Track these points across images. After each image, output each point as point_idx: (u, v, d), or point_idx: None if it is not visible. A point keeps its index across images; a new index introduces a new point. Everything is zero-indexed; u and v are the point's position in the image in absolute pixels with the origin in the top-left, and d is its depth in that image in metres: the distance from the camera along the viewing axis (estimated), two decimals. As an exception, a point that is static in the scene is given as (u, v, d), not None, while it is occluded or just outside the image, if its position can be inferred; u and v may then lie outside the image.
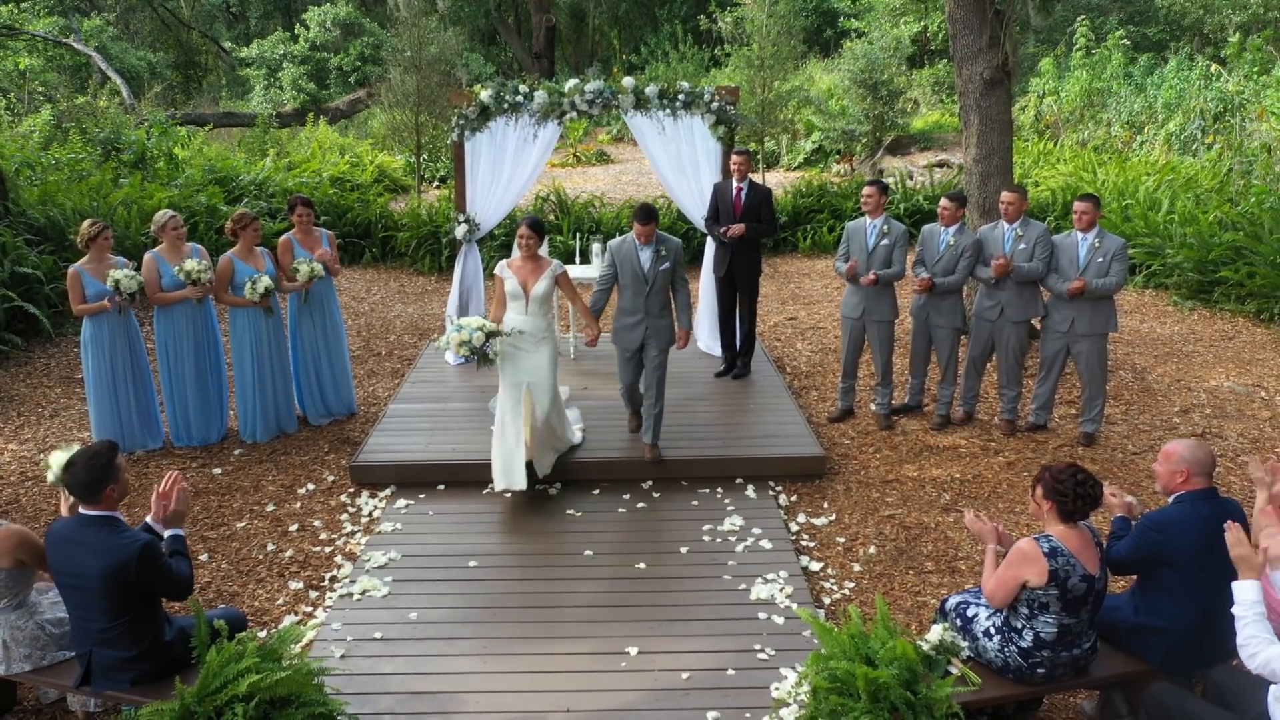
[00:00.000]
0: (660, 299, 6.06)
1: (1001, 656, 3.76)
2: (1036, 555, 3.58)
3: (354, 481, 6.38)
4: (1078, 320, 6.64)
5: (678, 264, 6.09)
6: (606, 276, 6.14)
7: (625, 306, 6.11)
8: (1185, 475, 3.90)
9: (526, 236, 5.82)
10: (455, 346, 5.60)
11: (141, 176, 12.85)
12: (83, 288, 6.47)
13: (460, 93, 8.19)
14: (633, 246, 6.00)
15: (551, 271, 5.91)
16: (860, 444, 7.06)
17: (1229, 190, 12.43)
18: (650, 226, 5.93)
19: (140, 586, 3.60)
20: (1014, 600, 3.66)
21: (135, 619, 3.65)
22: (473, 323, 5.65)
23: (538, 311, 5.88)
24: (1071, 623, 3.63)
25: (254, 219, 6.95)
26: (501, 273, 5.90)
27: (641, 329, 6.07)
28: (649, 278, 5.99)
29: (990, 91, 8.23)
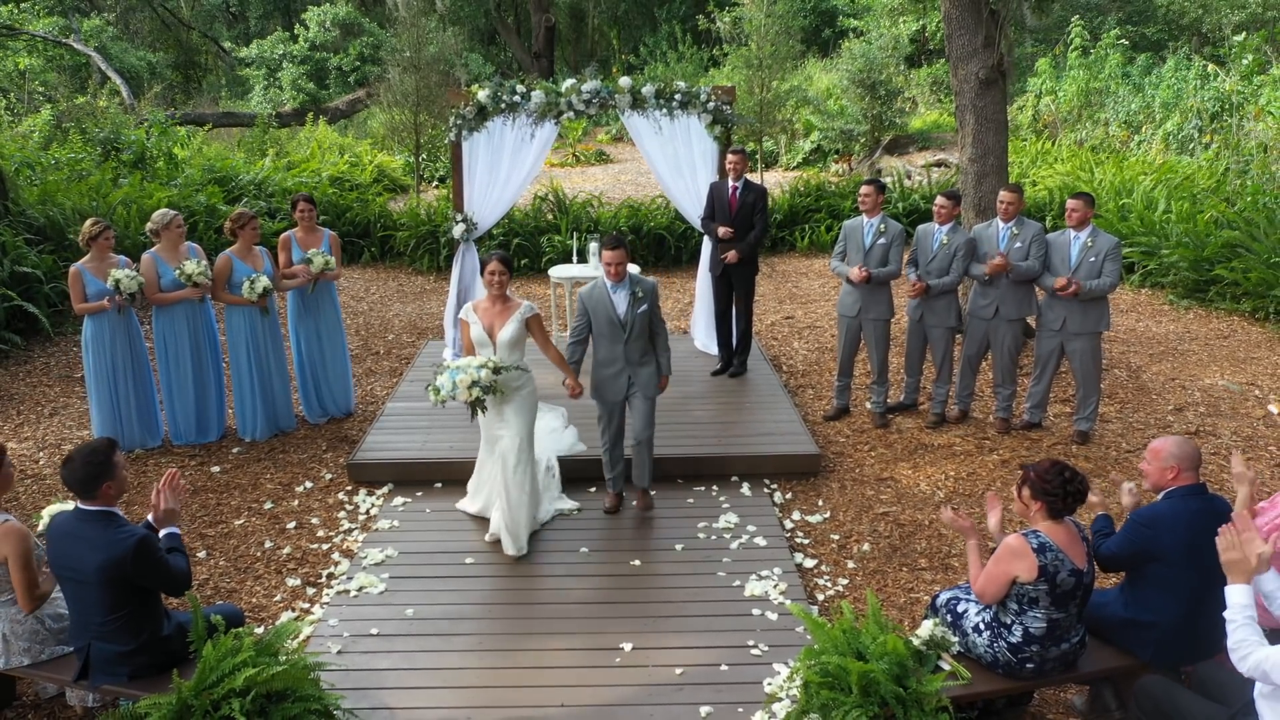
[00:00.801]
0: (640, 345, 5.56)
1: (991, 652, 3.80)
2: (1025, 551, 3.61)
3: (352, 479, 6.42)
4: (1070, 319, 6.67)
5: (654, 305, 5.60)
6: (580, 328, 5.62)
7: (603, 356, 5.58)
8: (1176, 471, 3.94)
9: (498, 272, 5.24)
10: (466, 390, 4.98)
11: (141, 176, 12.90)
12: (84, 287, 6.51)
13: (458, 92, 8.23)
14: (604, 291, 5.47)
15: (521, 314, 5.31)
16: (855, 442, 7.09)
17: (1225, 190, 12.46)
18: (619, 254, 5.36)
19: (137, 580, 3.64)
20: (1004, 596, 3.69)
21: (133, 613, 3.69)
22: (472, 362, 5.08)
23: (507, 359, 5.26)
24: (1060, 617, 3.67)
25: (252, 218, 6.99)
26: (466, 316, 5.38)
27: (624, 379, 5.57)
28: (626, 323, 5.45)
29: (986, 91, 8.26)
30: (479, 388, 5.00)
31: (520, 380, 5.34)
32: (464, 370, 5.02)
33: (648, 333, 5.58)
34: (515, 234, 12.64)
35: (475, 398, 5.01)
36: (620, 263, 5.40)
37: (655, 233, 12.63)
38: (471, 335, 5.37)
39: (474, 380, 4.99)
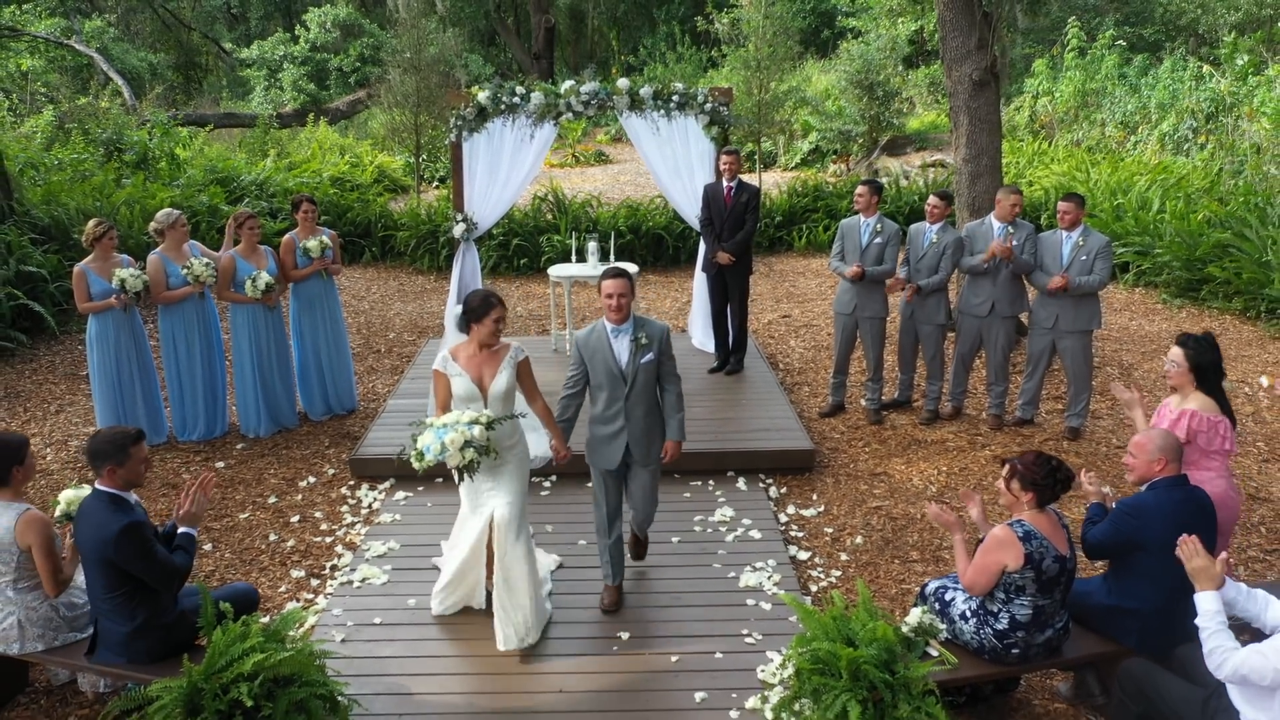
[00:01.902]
0: (645, 401, 4.65)
1: (978, 638, 3.91)
2: (1012, 540, 3.72)
3: (354, 475, 6.54)
4: (1062, 317, 6.78)
5: (665, 354, 4.68)
6: (575, 378, 4.71)
7: (600, 413, 4.69)
8: (1163, 463, 4.05)
9: (502, 319, 4.50)
10: (457, 452, 4.17)
11: (144, 177, 12.99)
12: (88, 286, 6.62)
13: (458, 94, 8.33)
14: (604, 336, 4.57)
15: (512, 359, 4.55)
16: (850, 438, 7.20)
17: (1219, 190, 12.57)
18: (620, 284, 4.49)
19: (121, 565, 3.75)
20: (994, 586, 3.80)
21: (129, 594, 3.80)
22: (460, 418, 4.27)
23: (500, 413, 4.46)
24: (1046, 603, 3.78)
25: (250, 216, 7.11)
26: (445, 368, 4.51)
27: (621, 441, 4.66)
28: (628, 374, 4.58)
29: (979, 92, 8.37)
30: (473, 448, 4.21)
31: (513, 434, 4.60)
32: (452, 428, 4.21)
33: (654, 387, 4.71)
34: (515, 234, 12.75)
35: (469, 460, 4.22)
36: (622, 295, 4.49)
37: (654, 232, 12.74)
38: (455, 390, 4.49)
39: (467, 440, 4.19)
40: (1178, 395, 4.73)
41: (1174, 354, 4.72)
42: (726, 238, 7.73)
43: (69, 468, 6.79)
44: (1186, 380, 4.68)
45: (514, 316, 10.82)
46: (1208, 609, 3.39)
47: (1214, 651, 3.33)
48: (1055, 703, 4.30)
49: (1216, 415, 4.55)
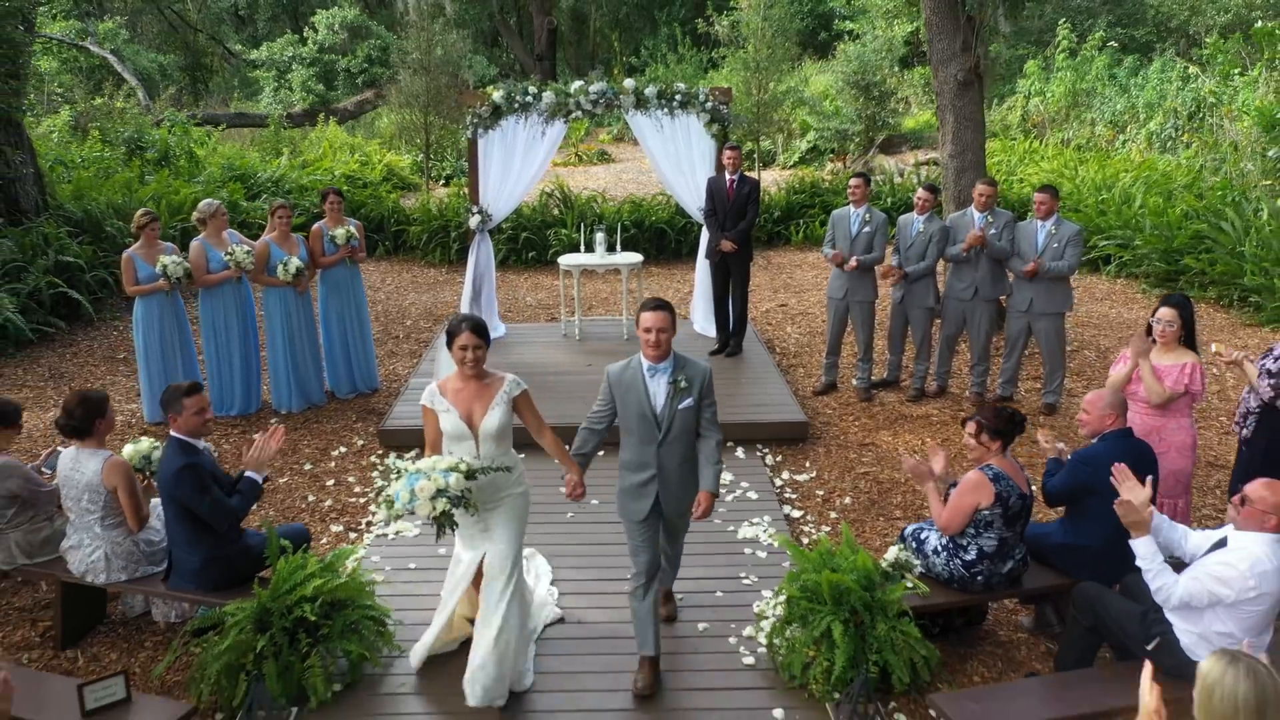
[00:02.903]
0: (680, 449, 4.17)
1: (948, 569, 4.44)
2: (985, 482, 4.26)
3: (382, 444, 7.07)
4: (1036, 300, 7.31)
5: (706, 398, 4.18)
6: (601, 413, 4.25)
7: (630, 458, 4.23)
8: (1113, 418, 4.59)
9: (470, 346, 3.98)
10: (426, 501, 3.74)
11: (169, 173, 13.52)
12: (135, 271, 7.15)
13: (474, 93, 8.87)
14: (639, 373, 4.10)
15: (506, 393, 4.08)
16: (841, 413, 7.74)
17: (1200, 186, 13.10)
18: (661, 317, 4.01)
19: (179, 502, 4.28)
20: (967, 525, 4.34)
21: (194, 529, 4.33)
22: (438, 464, 3.84)
23: (493, 453, 4.06)
24: (1009, 536, 4.32)
25: (282, 205, 7.67)
26: (433, 403, 4.08)
27: (651, 492, 4.18)
28: (662, 419, 4.10)
29: (964, 92, 8.90)
30: (445, 498, 3.77)
31: (508, 482, 4.15)
32: (426, 475, 3.78)
33: (692, 434, 4.22)
34: (524, 228, 13.28)
35: (441, 511, 3.76)
36: (662, 329, 4.00)
37: (656, 227, 13.28)
38: (443, 426, 4.07)
39: (440, 489, 3.76)
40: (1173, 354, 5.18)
41: (1166, 314, 5.21)
42: (730, 227, 8.24)
43: (114, 440, 7.31)
44: (1175, 337, 5.20)
45: (523, 306, 11.35)
46: (1144, 553, 3.89)
47: (1160, 590, 3.83)
48: (1018, 633, 4.83)
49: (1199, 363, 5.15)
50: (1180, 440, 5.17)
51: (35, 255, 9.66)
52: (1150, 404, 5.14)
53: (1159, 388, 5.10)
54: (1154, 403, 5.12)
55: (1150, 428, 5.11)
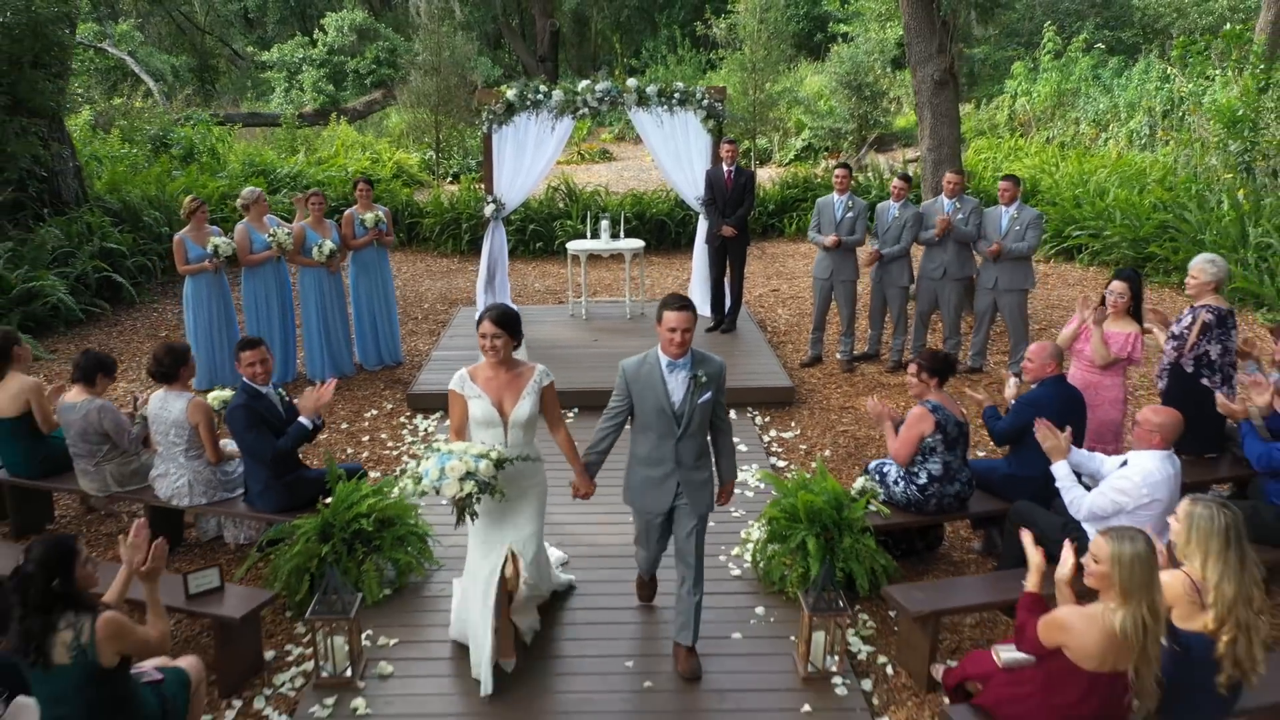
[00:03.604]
0: (696, 443, 4.25)
1: (905, 495, 5.20)
2: (925, 413, 5.03)
3: (410, 408, 7.83)
4: (1001, 278, 8.07)
5: (720, 393, 4.27)
6: (617, 409, 4.27)
7: (645, 453, 4.28)
8: (1053, 366, 5.35)
9: (490, 335, 4.08)
10: (456, 482, 3.84)
11: (196, 168, 14.29)
12: (186, 252, 7.90)
13: (489, 91, 9.63)
14: (656, 369, 4.15)
15: (536, 384, 4.21)
16: (825, 382, 8.50)
17: (1170, 180, 13.86)
18: (685, 316, 4.05)
19: (235, 436, 5.05)
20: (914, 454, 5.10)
21: (254, 461, 5.09)
22: (470, 449, 3.95)
23: (521, 441, 4.20)
24: (951, 459, 5.08)
25: (316, 193, 8.42)
26: (463, 388, 4.20)
27: (670, 486, 4.25)
28: (681, 414, 4.15)
29: (939, 91, 9.67)
30: (474, 482, 3.86)
31: (533, 473, 4.31)
32: (459, 456, 3.89)
33: (706, 428, 4.31)
34: (531, 220, 14.05)
35: (467, 494, 3.86)
36: (686, 329, 4.05)
37: (657, 219, 14.05)
38: (473, 412, 4.17)
39: (469, 471, 3.85)
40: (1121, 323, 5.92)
41: (1118, 287, 5.95)
42: (729, 214, 9.00)
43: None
44: (1124, 308, 5.93)
45: (532, 291, 12.11)
46: (1060, 474, 4.68)
47: (1072, 502, 4.61)
48: (969, 555, 5.60)
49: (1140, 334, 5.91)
50: (1113, 395, 5.92)
51: (81, 242, 10.42)
52: (1094, 363, 5.90)
53: (1105, 351, 5.86)
54: (1098, 363, 5.87)
55: (1089, 382, 5.87)
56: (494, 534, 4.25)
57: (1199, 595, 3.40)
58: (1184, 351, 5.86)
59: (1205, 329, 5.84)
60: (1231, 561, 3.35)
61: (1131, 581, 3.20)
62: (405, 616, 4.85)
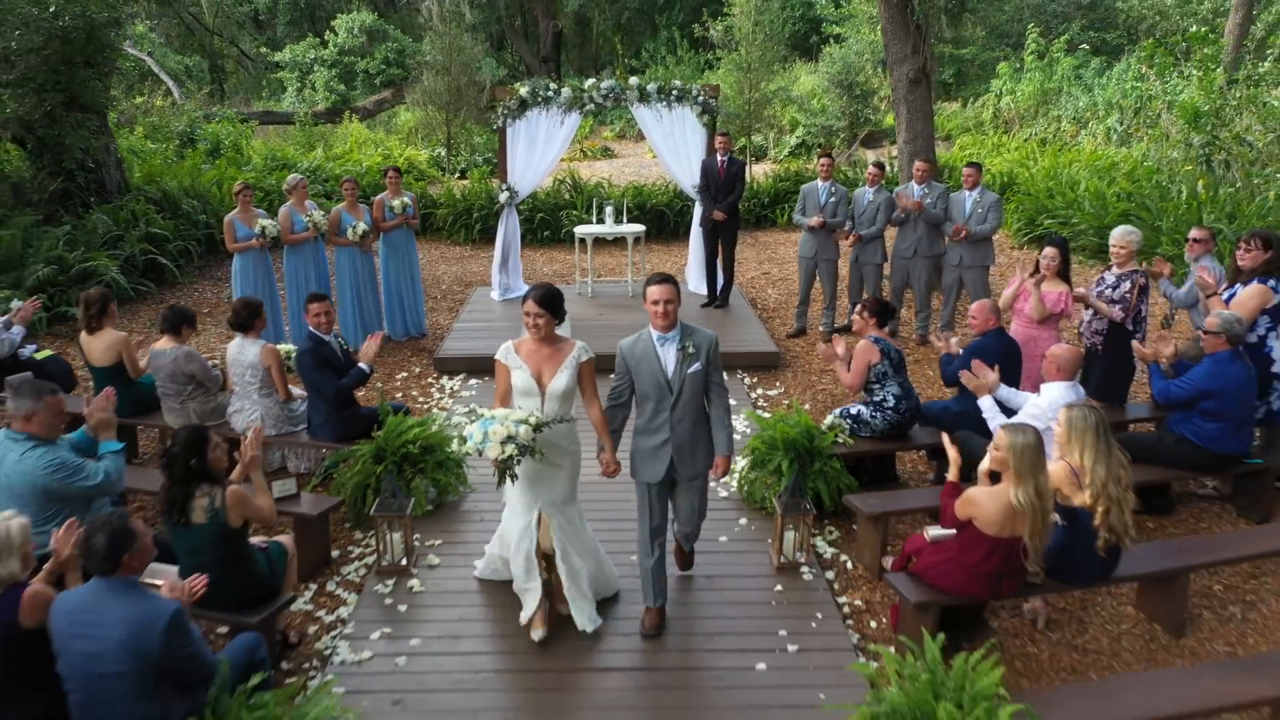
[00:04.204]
0: (691, 412, 4.53)
1: (884, 422, 6.10)
2: (869, 345, 6.01)
3: (436, 370, 8.77)
4: (965, 256, 9.00)
5: (713, 363, 4.54)
6: (620, 388, 4.60)
7: (645, 423, 4.58)
8: (993, 320, 6.28)
9: (533, 314, 4.36)
10: (498, 445, 4.16)
11: (226, 161, 15.23)
12: (235, 231, 8.83)
13: (504, 88, 10.57)
14: (649, 344, 4.46)
15: (574, 358, 4.47)
16: (808, 350, 9.44)
17: (1137, 173, 14.80)
18: (667, 289, 4.36)
19: (303, 376, 6.01)
20: (867, 382, 6.04)
21: (317, 397, 6.04)
22: (511, 414, 4.26)
23: (557, 412, 4.47)
24: (901, 379, 6.07)
25: (349, 180, 9.36)
26: (507, 359, 4.48)
27: (667, 453, 4.54)
28: (674, 384, 4.45)
29: (914, 88, 10.61)
30: (514, 445, 4.17)
31: (569, 437, 4.58)
32: (500, 421, 4.20)
33: (701, 398, 4.58)
34: (539, 210, 14.99)
35: (508, 456, 4.18)
36: (669, 300, 4.36)
37: (657, 208, 14.99)
38: (514, 383, 4.46)
39: (509, 435, 4.16)
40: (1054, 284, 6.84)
41: (1050, 252, 6.88)
42: (721, 199, 9.93)
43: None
44: (1055, 270, 6.86)
45: (541, 275, 13.04)
46: (985, 406, 5.63)
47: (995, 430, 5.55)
48: (924, 482, 6.54)
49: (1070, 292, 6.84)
50: (1049, 346, 6.83)
51: (128, 227, 11.36)
52: (1032, 318, 6.83)
53: (1041, 307, 6.79)
54: (1035, 318, 6.81)
55: (1028, 336, 6.80)
56: (529, 496, 4.53)
57: (1078, 479, 4.35)
58: (1128, 312, 6.77)
59: (1142, 291, 6.78)
60: (1101, 450, 4.29)
61: (1023, 464, 4.14)
62: (446, 525, 5.80)
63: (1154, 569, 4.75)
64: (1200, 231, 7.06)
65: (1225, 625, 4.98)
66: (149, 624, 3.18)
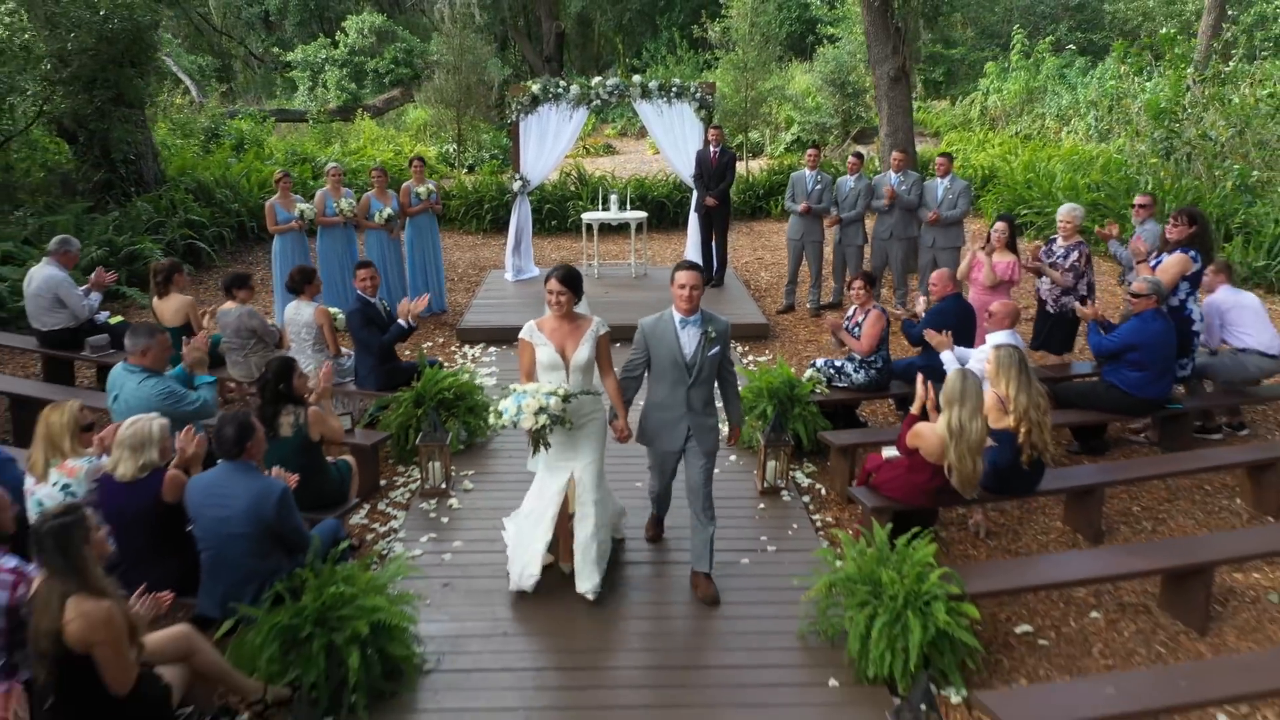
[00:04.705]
0: (705, 390, 4.91)
1: (868, 378, 7.04)
2: (880, 315, 6.96)
3: (459, 340, 9.70)
4: (937, 238, 9.92)
5: (727, 348, 4.98)
6: (636, 362, 4.94)
7: (660, 399, 4.92)
8: (951, 287, 7.22)
9: (555, 292, 4.72)
10: (531, 416, 4.54)
11: (252, 155, 16.17)
12: (275, 214, 9.75)
13: (519, 86, 11.50)
14: (671, 325, 4.79)
15: (593, 332, 4.83)
16: (795, 325, 10.37)
17: (1109, 166, 15.73)
18: (694, 275, 4.72)
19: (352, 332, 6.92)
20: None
21: (363, 351, 6.97)
22: (541, 388, 4.64)
23: (581, 383, 4.83)
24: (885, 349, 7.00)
25: (379, 169, 10.29)
26: (531, 337, 4.83)
27: (682, 427, 4.90)
28: (693, 365, 4.78)
29: (894, 86, 11.53)
30: (546, 415, 4.56)
31: (593, 406, 4.93)
32: (532, 395, 4.58)
33: (714, 378, 4.96)
34: (546, 200, 15.91)
35: (541, 426, 4.57)
36: (694, 286, 4.71)
37: (658, 200, 15.93)
38: (539, 358, 4.81)
39: (541, 406, 4.55)
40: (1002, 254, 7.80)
41: (1000, 226, 7.86)
42: (712, 186, 10.86)
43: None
44: (1004, 242, 7.80)
45: (549, 260, 13.94)
46: (947, 359, 6.55)
47: None
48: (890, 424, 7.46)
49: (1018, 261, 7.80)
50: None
51: (168, 215, 12.29)
52: (985, 285, 7.76)
53: (992, 275, 7.72)
54: (986, 284, 7.74)
55: (982, 302, 7.71)
56: (560, 461, 4.92)
57: (1004, 406, 5.27)
58: (1079, 279, 7.71)
59: (1088, 260, 7.73)
60: (1023, 382, 5.21)
61: (949, 397, 5.06)
62: (477, 459, 6.74)
63: (1075, 484, 5.68)
64: (1144, 198, 8.08)
65: (1137, 535, 5.91)
66: (265, 496, 4.11)
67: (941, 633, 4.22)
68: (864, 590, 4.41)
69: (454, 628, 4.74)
